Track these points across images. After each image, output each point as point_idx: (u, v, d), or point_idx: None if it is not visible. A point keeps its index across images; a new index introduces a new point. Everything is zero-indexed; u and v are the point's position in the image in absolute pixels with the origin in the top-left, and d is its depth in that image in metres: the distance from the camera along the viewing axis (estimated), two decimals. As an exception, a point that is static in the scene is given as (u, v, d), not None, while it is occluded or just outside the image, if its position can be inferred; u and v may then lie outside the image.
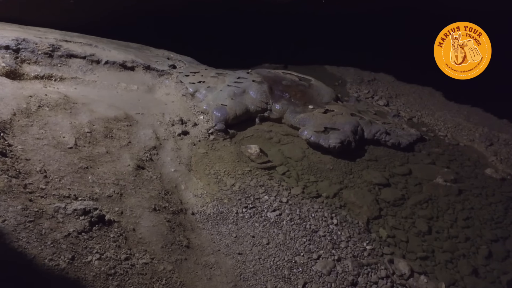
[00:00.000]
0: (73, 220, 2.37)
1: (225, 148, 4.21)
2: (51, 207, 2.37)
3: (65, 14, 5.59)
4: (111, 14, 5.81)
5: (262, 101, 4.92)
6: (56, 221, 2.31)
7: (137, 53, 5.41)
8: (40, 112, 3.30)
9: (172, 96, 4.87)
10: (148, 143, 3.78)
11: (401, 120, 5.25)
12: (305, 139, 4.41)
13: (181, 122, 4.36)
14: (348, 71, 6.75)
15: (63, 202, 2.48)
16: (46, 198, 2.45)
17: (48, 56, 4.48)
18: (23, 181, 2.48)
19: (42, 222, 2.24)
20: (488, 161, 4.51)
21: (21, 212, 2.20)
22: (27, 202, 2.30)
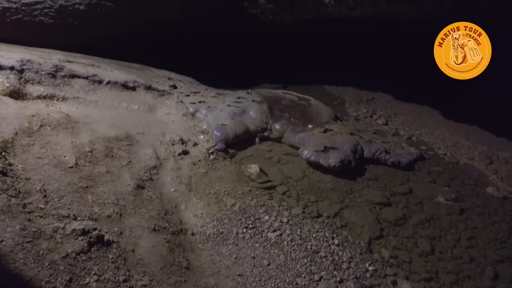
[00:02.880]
0: (71, 240, 2.34)
1: (225, 167, 4.21)
2: (49, 227, 2.35)
3: (69, 36, 5.73)
4: (114, 35, 5.96)
5: (262, 120, 4.95)
6: (54, 241, 2.28)
7: (138, 73, 5.49)
8: (41, 131, 3.32)
9: (172, 116, 4.91)
10: (149, 163, 3.78)
11: (401, 139, 5.28)
12: (305, 159, 4.41)
13: (181, 142, 4.37)
14: (347, 91, 6.84)
15: (62, 222, 2.45)
16: (45, 218, 2.43)
17: (52, 76, 4.55)
18: (23, 200, 2.46)
19: (40, 242, 2.21)
20: (489, 179, 4.50)
21: (19, 232, 2.17)
22: (26, 222, 2.28)
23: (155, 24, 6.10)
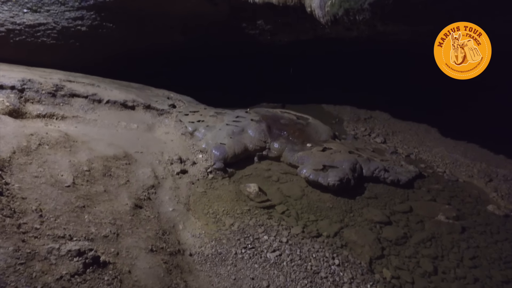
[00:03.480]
0: (66, 261, 2.28)
1: (224, 187, 4.18)
2: (44, 248, 2.30)
3: (71, 56, 5.83)
4: (114, 56, 6.05)
5: (260, 139, 4.96)
6: (48, 263, 2.22)
7: (138, 93, 5.54)
8: (40, 150, 3.31)
9: (171, 135, 4.92)
10: (147, 182, 3.75)
11: (399, 157, 5.28)
12: (304, 177, 4.39)
13: (180, 161, 4.36)
14: (345, 110, 6.90)
15: (57, 242, 2.40)
16: (40, 238, 2.38)
17: (51, 96, 4.59)
18: (17, 220, 2.42)
19: (34, 264, 2.15)
20: (489, 197, 4.47)
21: (12, 254, 2.12)
22: (20, 243, 2.23)
23: (156, 44, 6.21)
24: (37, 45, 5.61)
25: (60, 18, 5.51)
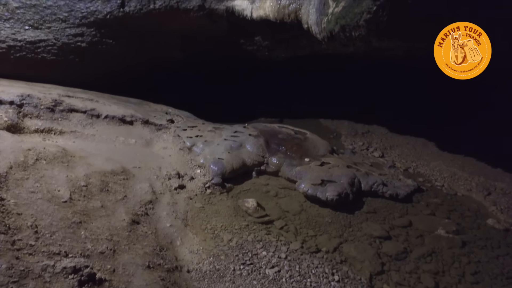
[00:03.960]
0: (61, 279, 2.24)
1: (222, 202, 4.15)
2: (38, 265, 2.26)
3: (70, 71, 5.89)
4: (114, 71, 6.12)
5: (258, 154, 4.96)
6: (42, 280, 2.18)
7: (136, 108, 5.57)
8: (37, 165, 3.29)
9: (169, 150, 4.92)
10: (144, 197, 3.72)
11: (397, 171, 5.28)
12: (302, 192, 4.37)
13: (177, 176, 4.34)
14: (342, 124, 6.93)
15: (52, 259, 2.36)
16: (34, 255, 2.34)
17: (50, 111, 4.61)
18: (12, 237, 2.38)
19: (27, 282, 2.11)
20: (488, 211, 4.46)
21: (5, 272, 2.08)
22: (13, 260, 2.19)
23: (155, 60, 6.29)
24: (37, 61, 5.68)
25: (60, 35, 5.60)
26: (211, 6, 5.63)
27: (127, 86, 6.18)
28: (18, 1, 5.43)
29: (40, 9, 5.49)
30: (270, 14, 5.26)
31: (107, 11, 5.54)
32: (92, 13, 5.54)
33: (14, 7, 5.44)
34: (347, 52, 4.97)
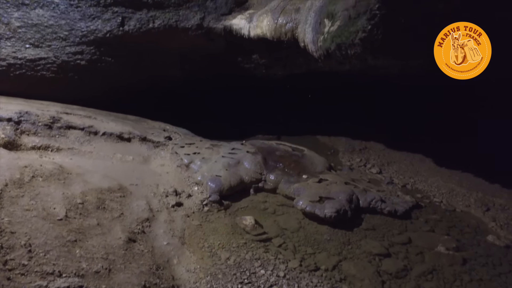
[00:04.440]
0: (54, 299, 2.19)
1: (220, 219, 4.10)
2: (31, 286, 2.20)
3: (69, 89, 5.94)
4: (112, 89, 6.17)
5: (256, 171, 4.95)
6: (35, 301, 2.12)
7: (134, 125, 5.58)
8: (33, 182, 3.26)
9: (167, 167, 4.90)
10: (141, 215, 3.68)
11: (395, 187, 5.27)
12: (300, 209, 4.34)
13: (175, 193, 4.31)
14: (340, 141, 6.96)
15: (45, 279, 2.31)
16: (27, 275, 2.29)
17: (48, 128, 4.61)
18: (4, 256, 2.33)
19: (20, 303, 2.05)
20: (488, 227, 4.43)
21: (-2, 292, 2.03)
22: (4, 281, 2.14)
23: (153, 78, 6.36)
24: (37, 79, 5.73)
25: (60, 53, 5.67)
26: (209, 25, 5.74)
27: (125, 103, 6.22)
28: (20, 21, 5.52)
29: (41, 28, 5.58)
30: (267, 32, 5.37)
31: (107, 30, 5.63)
32: (92, 32, 5.64)
33: (16, 26, 5.52)
34: (343, 70, 5.05)
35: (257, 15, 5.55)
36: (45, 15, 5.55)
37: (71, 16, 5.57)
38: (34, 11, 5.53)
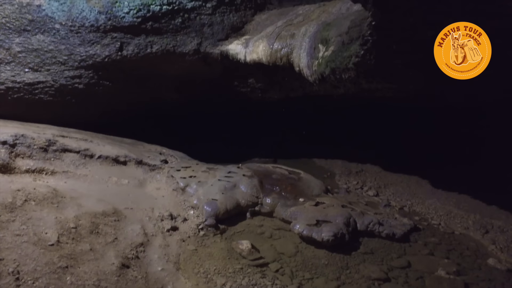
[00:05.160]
0: (42, 329, 2.10)
1: (216, 244, 4.03)
2: (19, 315, 2.12)
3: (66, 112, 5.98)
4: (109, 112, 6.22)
5: (252, 195, 4.93)
6: (22, 331, 2.04)
7: (130, 148, 5.57)
8: (25, 206, 3.21)
9: (162, 191, 4.86)
10: (135, 240, 3.61)
11: (393, 210, 5.23)
12: (297, 233, 4.29)
13: (170, 218, 4.26)
14: (336, 163, 6.96)
15: (34, 308, 2.23)
16: (15, 303, 2.21)
17: (43, 151, 4.59)
18: (-8, 284, 2.26)
19: (6, 333, 1.97)
20: (488, 250, 4.37)
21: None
22: (-8, 310, 2.06)
23: (150, 101, 6.42)
24: (34, 102, 5.77)
25: (59, 77, 5.75)
26: (206, 50, 5.87)
27: (122, 126, 6.24)
28: (21, 46, 5.63)
29: (41, 53, 5.68)
30: (263, 57, 5.49)
31: (106, 54, 5.74)
32: (91, 56, 5.74)
33: (17, 51, 5.62)
34: (338, 93, 5.14)
35: (253, 41, 5.69)
36: (45, 41, 5.66)
37: (71, 41, 5.69)
38: (35, 36, 5.64)
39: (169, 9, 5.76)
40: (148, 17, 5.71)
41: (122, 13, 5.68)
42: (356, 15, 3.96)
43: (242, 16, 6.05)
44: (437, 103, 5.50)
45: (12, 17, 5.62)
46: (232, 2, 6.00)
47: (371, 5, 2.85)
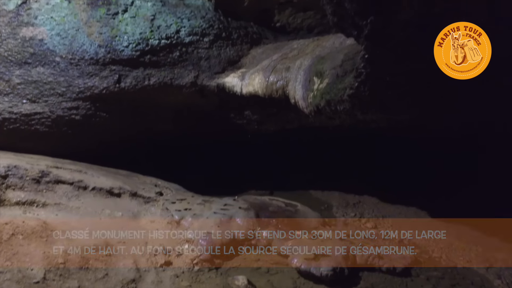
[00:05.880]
0: None
1: (211, 280, 3.91)
2: None
3: (62, 143, 5.96)
4: (105, 143, 6.20)
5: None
6: None
7: (125, 180, 5.51)
8: (12, 241, 3.11)
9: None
10: (127, 275, 3.48)
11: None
12: (295, 268, 4.17)
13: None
14: (333, 195, 6.90)
15: None
16: None
17: (35, 182, 4.52)
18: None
19: None
20: (494, 285, 4.23)
21: None
22: None
23: (146, 133, 6.43)
24: (30, 133, 5.76)
25: (56, 108, 5.78)
26: (203, 83, 5.98)
27: (118, 157, 6.20)
28: (21, 78, 5.71)
29: (40, 85, 5.75)
30: (259, 90, 5.59)
31: (104, 86, 5.82)
32: (89, 88, 5.81)
33: (16, 83, 5.70)
34: (333, 125, 5.19)
35: (249, 74, 5.82)
36: (45, 73, 5.75)
37: (70, 74, 5.78)
38: (35, 69, 5.74)
39: (167, 43, 5.92)
40: (146, 50, 5.86)
41: (121, 47, 5.83)
42: (349, 49, 4.08)
43: (239, 50, 6.22)
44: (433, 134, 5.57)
45: (14, 51, 5.75)
46: (228, 37, 6.20)
47: (363, 39, 2.94)
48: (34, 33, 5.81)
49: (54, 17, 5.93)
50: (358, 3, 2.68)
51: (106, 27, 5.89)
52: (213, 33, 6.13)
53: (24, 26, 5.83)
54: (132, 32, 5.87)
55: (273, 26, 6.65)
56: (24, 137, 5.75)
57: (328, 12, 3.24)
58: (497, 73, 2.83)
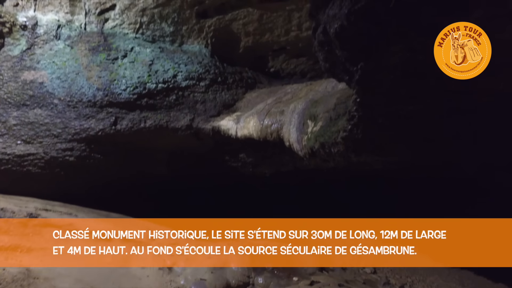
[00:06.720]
0: None
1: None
2: None
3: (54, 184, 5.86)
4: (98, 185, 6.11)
5: (244, 274, 4.65)
6: None
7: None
8: (-9, 289, 2.92)
9: (148, 270, 4.53)
10: (112, 327, 3.23)
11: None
12: (292, 317, 3.93)
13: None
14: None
15: None
16: None
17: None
18: None
19: None
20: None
21: None
22: None
23: (140, 175, 6.37)
24: (22, 174, 5.68)
25: (50, 149, 5.75)
26: (198, 126, 6.05)
27: (110, 199, 6.07)
28: (18, 119, 5.74)
29: (36, 126, 5.77)
30: (253, 133, 5.65)
31: (100, 128, 5.85)
32: (85, 130, 5.84)
33: (12, 124, 5.72)
34: (328, 167, 5.20)
35: (244, 117, 5.92)
36: (42, 114, 5.80)
37: (67, 115, 5.83)
38: (32, 110, 5.80)
39: (164, 87, 6.07)
40: (144, 94, 5.99)
41: (119, 90, 5.96)
42: (342, 93, 4.21)
43: (234, 94, 6.39)
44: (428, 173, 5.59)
45: (14, 93, 5.85)
46: (224, 81, 6.39)
47: (354, 83, 3.04)
48: (35, 76, 5.96)
49: (56, 61, 6.12)
50: (348, 50, 2.80)
51: (105, 71, 6.06)
52: (209, 78, 6.32)
53: (26, 70, 5.99)
54: (130, 76, 6.04)
55: (267, 71, 6.91)
56: (15, 178, 5.66)
57: (320, 58, 3.37)
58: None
